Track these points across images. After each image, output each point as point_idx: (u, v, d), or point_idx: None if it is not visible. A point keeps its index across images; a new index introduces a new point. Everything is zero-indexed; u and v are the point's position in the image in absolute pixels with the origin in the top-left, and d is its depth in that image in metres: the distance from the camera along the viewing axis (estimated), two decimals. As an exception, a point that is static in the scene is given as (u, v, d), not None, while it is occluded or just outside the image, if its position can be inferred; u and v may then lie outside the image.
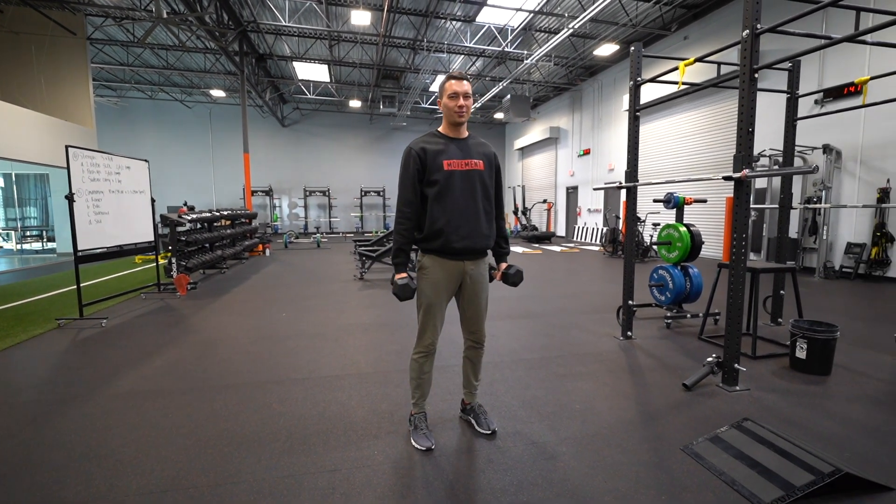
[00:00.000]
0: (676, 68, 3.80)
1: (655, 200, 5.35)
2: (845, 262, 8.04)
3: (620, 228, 11.80)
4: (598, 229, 15.47)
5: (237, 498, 1.97)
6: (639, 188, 4.44)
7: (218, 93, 17.81)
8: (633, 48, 4.15)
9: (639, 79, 4.15)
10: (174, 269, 6.74)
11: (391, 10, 10.92)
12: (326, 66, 15.07)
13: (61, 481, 2.09)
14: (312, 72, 15.74)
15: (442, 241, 2.26)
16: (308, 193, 20.97)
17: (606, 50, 12.86)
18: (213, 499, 1.96)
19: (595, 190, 10.06)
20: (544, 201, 18.88)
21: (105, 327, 4.85)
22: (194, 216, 8.02)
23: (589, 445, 2.39)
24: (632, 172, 4.25)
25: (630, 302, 4.34)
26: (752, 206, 7.95)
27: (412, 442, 2.40)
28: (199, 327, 4.83)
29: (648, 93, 10.90)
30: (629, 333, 4.37)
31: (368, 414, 2.77)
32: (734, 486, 2.03)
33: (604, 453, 2.31)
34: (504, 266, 2.51)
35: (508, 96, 16.74)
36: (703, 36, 11.05)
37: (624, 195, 5.71)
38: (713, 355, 3.25)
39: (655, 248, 7.81)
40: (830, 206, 7.72)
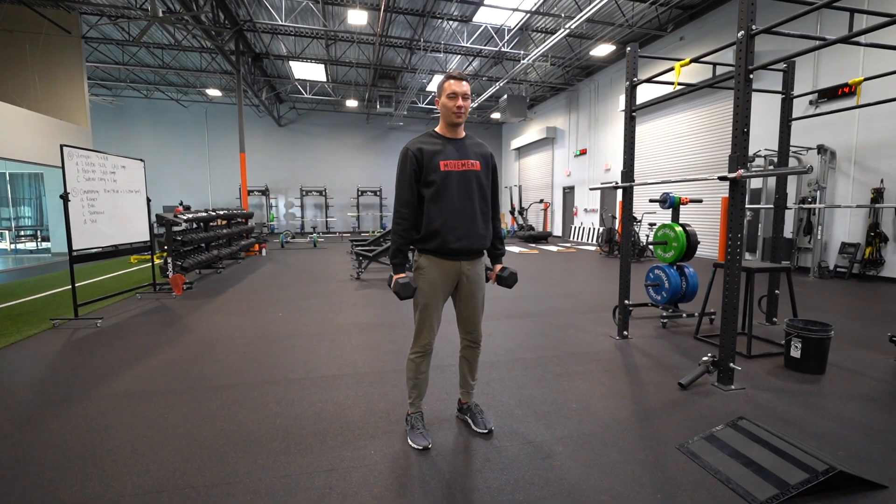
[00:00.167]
0: (672, 69, 3.82)
1: (651, 200, 5.38)
2: (840, 261, 8.09)
3: (617, 228, 11.83)
4: (594, 229, 15.51)
5: (233, 498, 1.96)
6: (635, 188, 4.45)
7: (214, 92, 17.75)
8: (630, 49, 4.16)
9: (635, 79, 4.17)
10: (170, 269, 6.72)
11: (388, 10, 10.91)
12: (323, 65, 15.05)
13: (57, 482, 2.08)
14: (309, 71, 15.71)
15: (439, 242, 2.26)
16: (304, 193, 20.94)
17: (603, 50, 12.89)
18: (210, 499, 1.96)
19: (591, 190, 10.10)
20: (541, 201, 18.90)
21: (100, 327, 4.83)
22: (190, 216, 7.99)
23: (585, 444, 2.40)
24: (628, 172, 4.27)
25: (626, 301, 4.36)
26: (748, 206, 7.98)
27: (409, 441, 2.40)
28: (195, 327, 4.82)
29: (644, 93, 10.93)
30: (625, 333, 4.38)
31: (365, 413, 2.77)
32: (729, 484, 2.04)
33: (600, 452, 2.32)
34: (498, 268, 2.52)
35: (505, 96, 16.75)
36: (698, 37, 11.10)
37: (620, 195, 5.72)
38: (708, 354, 3.27)
39: (651, 247, 7.83)
40: (825, 206, 7.77)
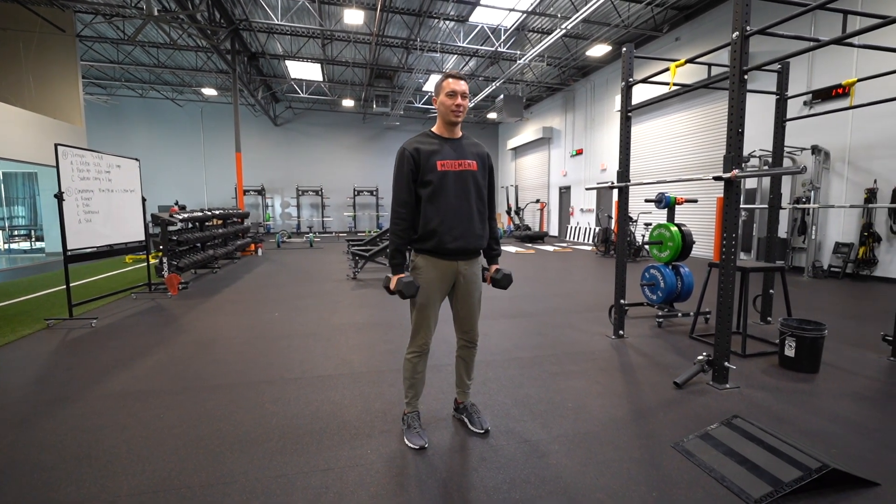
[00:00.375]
0: (668, 69, 3.84)
1: (647, 200, 5.40)
2: (833, 261, 8.14)
3: (612, 228, 11.87)
4: (590, 229, 15.54)
5: (230, 498, 1.96)
6: (631, 188, 4.47)
7: (209, 91, 17.68)
8: (625, 49, 4.18)
9: (630, 80, 4.18)
10: (165, 269, 6.69)
11: (384, 10, 10.91)
12: (319, 65, 15.02)
13: (52, 482, 2.07)
14: (305, 71, 15.67)
15: (435, 242, 2.26)
16: (300, 193, 20.89)
17: (599, 51, 12.91)
18: (206, 499, 1.96)
19: (587, 190, 10.14)
20: (537, 201, 18.93)
21: (95, 327, 4.81)
22: (185, 215, 7.96)
23: (581, 443, 2.41)
24: (623, 172, 4.28)
25: (622, 301, 4.37)
26: (742, 206, 8.03)
27: (405, 441, 2.40)
28: (191, 327, 4.80)
29: (640, 93, 10.98)
30: (621, 332, 4.40)
31: (361, 413, 2.77)
32: (724, 482, 2.05)
33: (595, 451, 2.33)
34: (494, 268, 2.52)
35: (502, 96, 16.77)
36: (694, 37, 11.14)
37: (616, 195, 5.74)
38: (704, 353, 3.28)
39: (647, 247, 7.86)
40: (819, 206, 7.82)
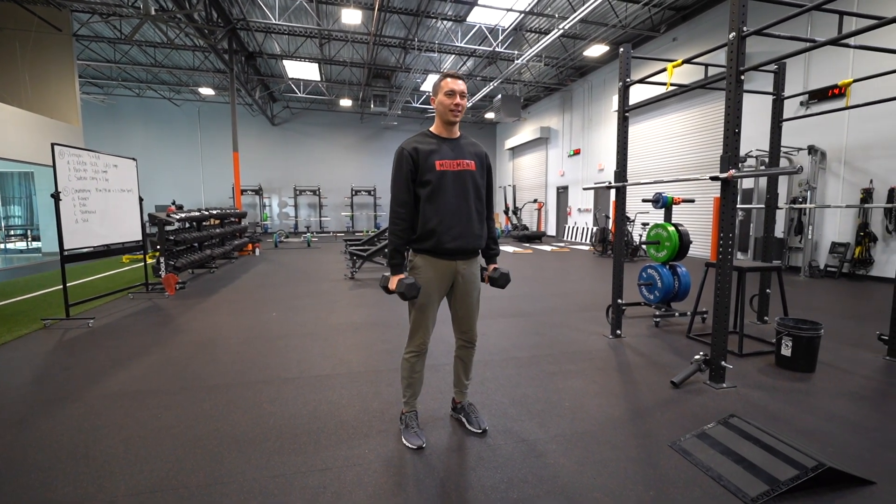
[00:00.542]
0: (665, 69, 3.85)
1: (644, 200, 5.41)
2: (830, 261, 8.18)
3: (610, 228, 11.88)
4: (587, 229, 15.57)
5: (227, 498, 1.96)
6: (628, 188, 4.48)
7: (207, 91, 17.64)
8: (623, 49, 4.19)
9: (628, 80, 4.19)
10: (162, 269, 6.67)
11: (382, 10, 10.90)
12: (317, 64, 14.99)
13: (49, 483, 2.07)
14: (303, 70, 15.64)
15: (434, 242, 2.26)
16: (298, 192, 20.84)
17: (596, 51, 12.94)
18: (204, 499, 1.95)
19: (585, 190, 10.15)
20: (535, 201, 18.95)
21: (92, 327, 4.79)
22: (183, 215, 7.95)
23: (578, 442, 2.42)
24: (621, 172, 4.29)
25: (619, 301, 4.38)
26: (739, 206, 8.05)
27: (403, 440, 2.41)
28: (188, 327, 4.79)
29: (637, 94, 10.99)
30: (618, 332, 4.41)
31: (359, 413, 2.77)
32: (720, 481, 2.06)
33: (593, 450, 2.34)
34: (491, 268, 2.52)
35: (499, 96, 16.79)
36: (691, 38, 11.17)
37: (613, 195, 5.76)
38: (700, 353, 3.30)
39: (644, 247, 7.88)
40: (815, 206, 7.85)
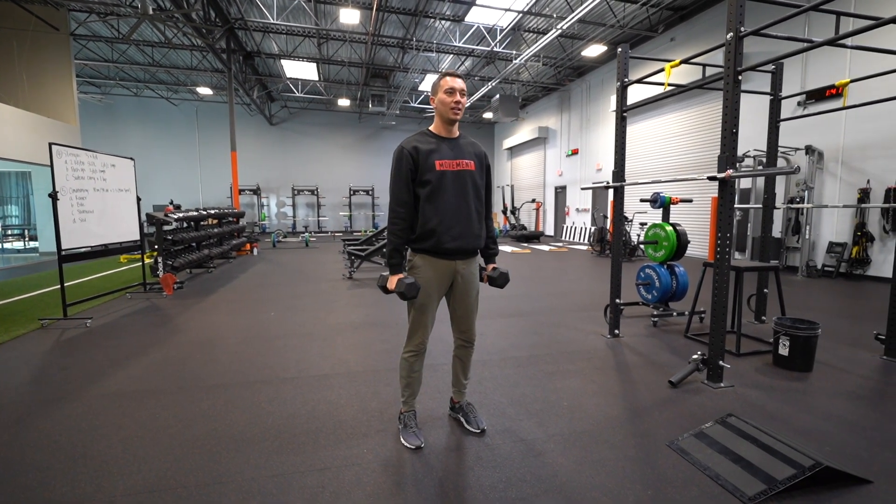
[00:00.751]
0: (663, 70, 3.85)
1: (642, 200, 5.42)
2: (827, 260, 8.20)
3: (608, 228, 11.90)
4: (586, 229, 15.58)
5: (226, 498, 1.96)
6: (626, 188, 4.49)
7: (204, 90, 17.60)
8: (621, 49, 4.20)
9: (626, 80, 4.20)
10: (160, 269, 6.66)
11: (380, 9, 10.89)
12: (315, 64, 14.98)
13: (46, 483, 2.06)
14: (301, 70, 15.62)
15: (434, 241, 2.26)
16: (296, 192, 20.82)
17: (594, 51, 12.95)
18: (202, 499, 1.95)
19: (583, 190, 10.15)
20: (533, 201, 18.96)
21: (90, 327, 4.78)
22: (181, 215, 7.93)
23: (576, 442, 2.42)
24: (619, 172, 4.30)
25: (617, 300, 4.39)
26: (737, 205, 8.06)
27: (402, 440, 2.41)
28: (187, 327, 4.79)
29: (636, 94, 11.01)
30: (616, 331, 4.42)
31: (358, 412, 2.77)
32: (718, 480, 2.07)
33: (591, 449, 2.35)
34: (490, 268, 2.52)
35: (497, 96, 16.79)
36: (689, 38, 11.19)
37: (611, 195, 5.77)
38: (698, 353, 3.30)
39: (642, 247, 7.89)
40: (813, 206, 7.87)
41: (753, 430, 2.41)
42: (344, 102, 19.15)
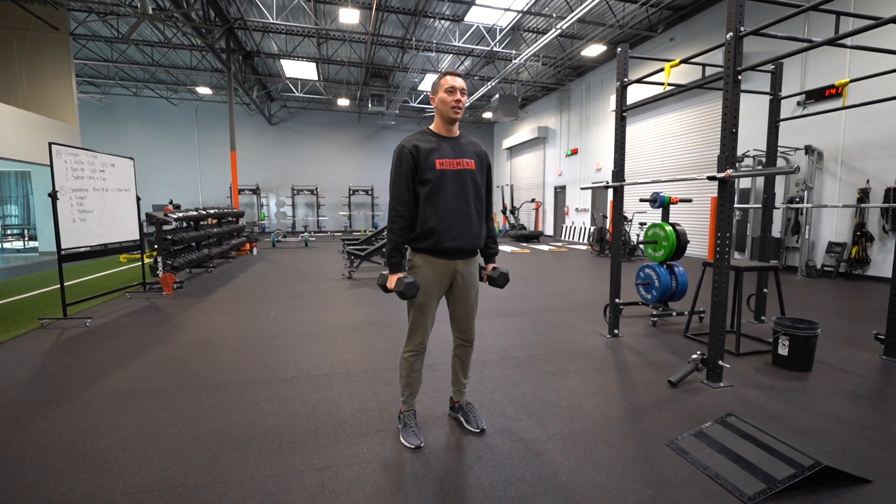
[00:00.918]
0: (662, 69, 3.85)
1: (642, 200, 5.42)
2: (827, 260, 8.20)
3: (608, 228, 11.90)
4: (585, 228, 15.58)
5: (225, 497, 1.96)
6: (625, 188, 4.49)
7: (204, 90, 17.60)
8: (620, 49, 4.20)
9: (625, 80, 4.20)
10: (160, 268, 6.66)
11: (380, 9, 10.89)
12: (314, 64, 14.97)
13: (47, 482, 2.06)
14: (300, 70, 15.62)
15: (433, 241, 2.25)
16: (296, 192, 20.82)
17: (594, 50, 12.95)
18: (202, 498, 1.95)
19: (582, 189, 10.16)
20: (532, 200, 18.96)
21: (89, 327, 4.78)
22: (180, 215, 7.93)
23: (576, 441, 2.42)
24: (618, 172, 4.30)
25: (617, 300, 4.39)
26: (736, 205, 8.06)
27: (401, 440, 2.41)
28: (186, 327, 4.79)
29: (635, 93, 11.01)
30: (616, 331, 4.42)
31: (358, 412, 2.77)
32: (718, 479, 2.07)
33: (591, 449, 2.35)
34: (490, 267, 2.52)
35: (497, 96, 16.79)
36: (688, 38, 11.19)
37: (611, 195, 5.78)
38: (698, 352, 3.31)
39: (642, 247, 7.87)
40: (812, 205, 7.87)
41: (753, 430, 2.41)
42: (343, 102, 19.15)
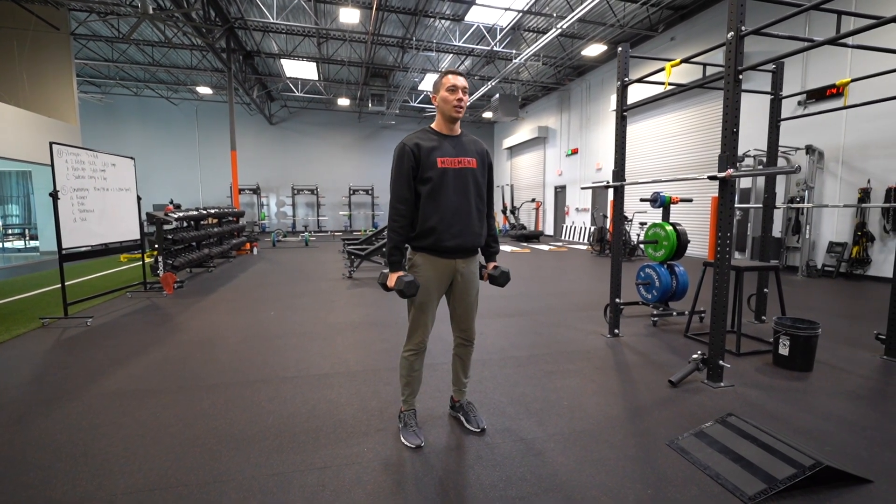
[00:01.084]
0: (663, 69, 3.85)
1: (642, 200, 5.42)
2: (827, 260, 8.20)
3: (608, 227, 11.89)
4: (585, 228, 15.58)
5: (226, 496, 1.96)
6: (626, 188, 4.49)
7: (204, 90, 17.60)
8: (621, 49, 4.19)
9: (626, 79, 4.20)
10: (160, 268, 6.66)
11: (380, 9, 10.89)
12: (315, 63, 14.97)
13: (48, 481, 2.07)
14: (300, 69, 15.61)
15: (434, 240, 2.25)
16: (296, 192, 20.82)
17: (594, 50, 12.94)
18: (202, 497, 1.96)
19: (583, 189, 10.16)
20: (533, 200, 18.96)
21: (90, 326, 4.79)
22: (181, 214, 7.94)
23: (576, 441, 2.42)
24: (619, 172, 4.30)
25: (617, 300, 4.39)
26: (737, 205, 8.06)
27: (402, 439, 2.41)
28: (187, 326, 4.79)
29: (636, 93, 11.00)
30: (616, 331, 4.42)
31: (358, 412, 2.77)
32: (718, 479, 2.07)
33: (591, 448, 2.35)
34: (491, 266, 2.52)
35: (497, 95, 16.78)
36: (689, 37, 11.18)
37: (611, 194, 5.78)
38: (698, 352, 3.30)
39: (642, 246, 7.87)
40: (813, 205, 7.86)
41: (753, 430, 2.41)
42: (344, 102, 19.15)
